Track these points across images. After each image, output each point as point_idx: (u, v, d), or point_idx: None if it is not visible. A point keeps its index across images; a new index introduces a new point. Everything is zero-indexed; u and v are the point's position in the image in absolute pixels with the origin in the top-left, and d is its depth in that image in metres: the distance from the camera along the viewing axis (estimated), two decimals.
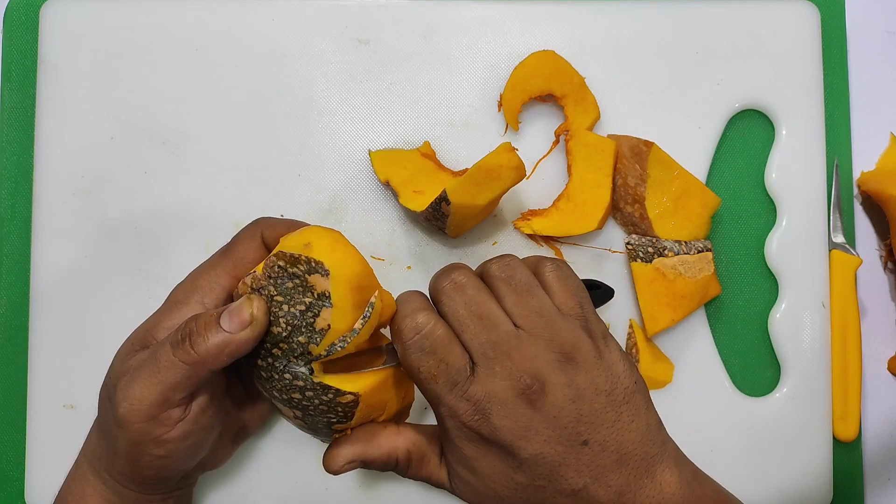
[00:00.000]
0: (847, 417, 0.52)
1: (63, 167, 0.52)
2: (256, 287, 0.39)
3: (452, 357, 0.37)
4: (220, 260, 0.42)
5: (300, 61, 0.53)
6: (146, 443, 0.38)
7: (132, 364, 0.39)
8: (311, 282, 0.38)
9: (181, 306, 0.41)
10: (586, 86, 0.52)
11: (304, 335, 0.38)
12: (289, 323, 0.38)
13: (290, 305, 0.38)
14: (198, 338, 0.37)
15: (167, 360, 0.37)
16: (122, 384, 0.38)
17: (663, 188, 0.51)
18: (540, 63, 0.51)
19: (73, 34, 0.53)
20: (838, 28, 0.55)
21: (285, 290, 0.38)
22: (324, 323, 0.38)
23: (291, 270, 0.38)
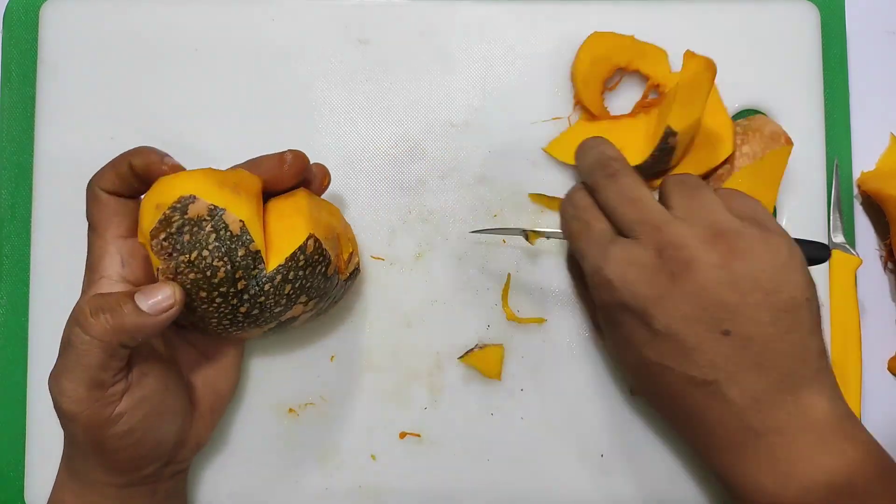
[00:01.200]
0: None
1: (62, 167, 0.52)
2: (172, 274, 0.39)
3: (594, 221, 0.42)
4: (93, 235, 0.42)
5: (300, 61, 0.53)
6: (102, 426, 0.38)
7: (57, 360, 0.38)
8: (191, 214, 0.39)
9: (89, 290, 0.41)
10: (659, 48, 0.52)
11: (240, 247, 0.39)
12: (221, 255, 0.39)
13: (205, 247, 0.39)
14: (111, 314, 0.37)
15: (81, 341, 0.37)
16: (53, 382, 0.38)
17: (744, 186, 0.50)
18: (604, 39, 0.52)
19: (73, 34, 0.53)
20: (838, 28, 0.55)
21: (191, 244, 0.39)
22: (236, 224, 0.39)
23: (174, 230, 0.39)
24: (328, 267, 0.43)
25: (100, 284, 0.41)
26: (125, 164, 0.41)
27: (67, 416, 0.38)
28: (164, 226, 0.39)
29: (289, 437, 0.51)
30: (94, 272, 0.41)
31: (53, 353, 0.51)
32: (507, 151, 0.52)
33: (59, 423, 0.50)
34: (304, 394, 0.51)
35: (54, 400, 0.38)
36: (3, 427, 0.52)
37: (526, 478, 0.51)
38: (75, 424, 0.38)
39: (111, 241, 0.41)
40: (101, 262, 0.41)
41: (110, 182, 0.41)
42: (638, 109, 0.52)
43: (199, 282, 0.39)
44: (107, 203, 0.41)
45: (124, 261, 0.41)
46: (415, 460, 0.51)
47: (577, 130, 0.52)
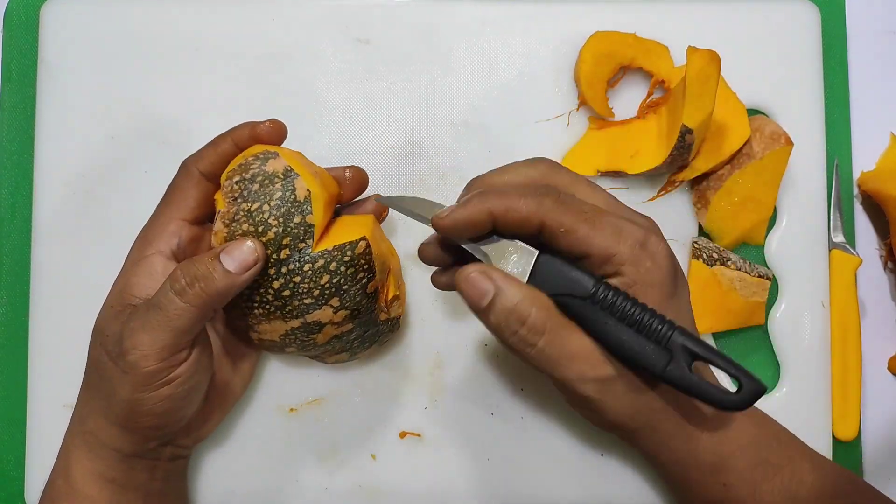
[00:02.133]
0: (847, 417, 0.52)
1: (63, 167, 0.52)
2: (229, 220, 0.40)
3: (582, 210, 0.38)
4: (163, 209, 0.43)
5: (300, 61, 0.53)
6: (152, 385, 0.39)
7: (130, 317, 0.39)
8: (269, 169, 0.40)
9: (142, 262, 0.42)
10: (661, 44, 0.52)
11: (297, 214, 0.40)
12: (278, 215, 0.39)
13: (268, 201, 0.39)
14: (204, 281, 0.38)
15: (175, 307, 0.38)
16: (127, 334, 0.39)
17: (744, 187, 0.50)
18: (606, 38, 0.51)
19: (73, 34, 0.53)
20: (838, 28, 0.55)
21: (256, 195, 0.40)
22: (303, 191, 0.40)
23: (248, 175, 0.40)
24: (370, 283, 0.42)
25: (152, 259, 0.41)
26: (227, 142, 0.42)
27: (128, 366, 0.38)
28: (241, 169, 0.40)
29: (289, 437, 0.51)
30: (147, 244, 0.42)
31: (53, 353, 0.51)
32: (507, 151, 0.52)
33: (59, 423, 0.50)
34: (304, 394, 0.51)
35: (120, 352, 0.39)
36: (3, 427, 0.52)
37: (526, 478, 0.51)
38: (129, 376, 0.39)
39: (177, 220, 0.42)
40: (159, 237, 0.42)
41: (209, 163, 0.42)
42: (645, 110, 0.52)
43: (247, 236, 0.39)
44: (197, 182, 0.42)
45: (181, 243, 0.42)
46: (415, 460, 0.51)
47: (588, 140, 0.52)
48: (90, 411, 0.41)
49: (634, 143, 0.51)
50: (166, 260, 0.42)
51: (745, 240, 0.52)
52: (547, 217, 0.37)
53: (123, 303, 0.41)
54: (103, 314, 0.42)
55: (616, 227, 0.37)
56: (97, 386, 0.41)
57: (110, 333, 0.40)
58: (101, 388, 0.40)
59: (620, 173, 0.51)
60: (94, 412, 0.41)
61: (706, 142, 0.50)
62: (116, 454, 0.41)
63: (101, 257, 0.51)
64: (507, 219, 0.37)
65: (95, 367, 0.41)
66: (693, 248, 0.51)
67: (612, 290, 0.37)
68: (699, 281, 0.50)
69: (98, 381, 0.41)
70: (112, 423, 0.40)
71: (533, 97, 0.53)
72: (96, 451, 0.41)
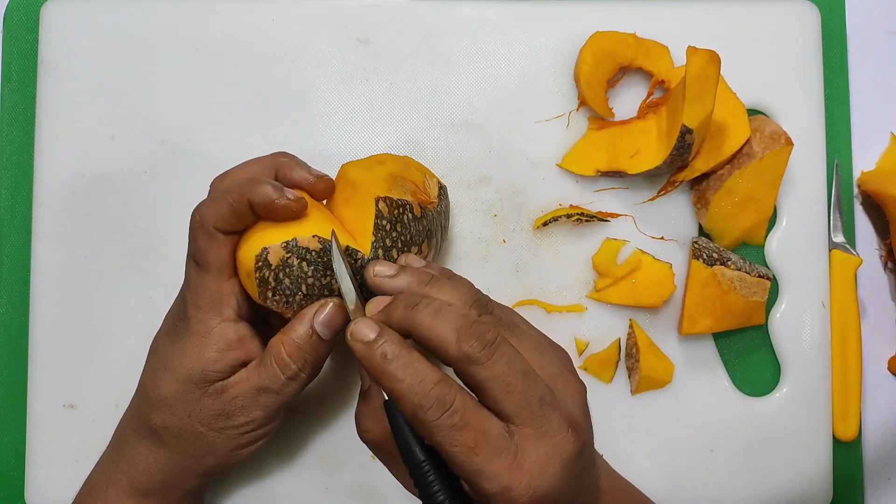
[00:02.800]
0: (847, 417, 0.52)
1: (63, 167, 0.52)
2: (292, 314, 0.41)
3: (487, 423, 0.34)
4: (205, 276, 0.41)
5: (300, 61, 0.53)
6: (253, 445, 0.43)
7: (229, 394, 0.41)
8: (273, 262, 0.40)
9: (212, 335, 0.41)
10: (661, 44, 0.52)
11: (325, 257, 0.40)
12: (323, 272, 0.40)
13: (306, 278, 0.40)
14: (314, 362, 0.41)
15: (290, 389, 0.41)
16: (239, 413, 0.41)
17: (744, 187, 0.50)
18: (606, 38, 0.51)
19: (73, 34, 0.53)
20: (838, 28, 0.55)
21: (294, 284, 0.40)
22: (312, 242, 0.40)
23: (272, 284, 0.40)
24: (412, 210, 0.43)
25: (222, 328, 0.41)
26: (244, 201, 0.39)
27: (238, 435, 0.41)
28: (264, 285, 0.40)
29: (289, 437, 0.51)
30: (208, 315, 0.41)
31: (54, 353, 0.51)
32: (507, 151, 0.52)
33: (58, 423, 0.50)
34: (304, 394, 0.51)
35: (229, 425, 0.41)
36: (3, 427, 0.52)
37: None
38: (235, 441, 0.42)
39: (225, 282, 0.41)
40: (220, 306, 0.41)
41: (227, 221, 0.40)
42: (645, 110, 0.52)
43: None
44: (224, 244, 0.40)
45: (239, 301, 0.42)
46: None
47: (588, 140, 0.52)
48: (165, 466, 0.42)
49: (634, 143, 0.51)
50: (235, 325, 0.41)
51: (745, 240, 0.52)
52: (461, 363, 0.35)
53: (206, 379, 0.41)
54: (178, 387, 0.41)
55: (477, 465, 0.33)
56: (181, 449, 0.42)
57: (205, 409, 0.41)
58: (186, 451, 0.42)
59: (620, 173, 0.51)
60: (172, 467, 0.42)
61: (706, 142, 0.50)
62: (181, 493, 0.44)
63: (101, 257, 0.51)
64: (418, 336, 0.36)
65: (178, 433, 0.42)
66: (693, 248, 0.51)
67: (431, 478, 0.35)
68: (699, 281, 0.50)
69: (183, 444, 0.42)
70: (195, 473, 0.43)
71: (533, 97, 0.53)
72: (163, 494, 0.43)
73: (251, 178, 0.40)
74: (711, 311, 0.50)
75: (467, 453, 0.33)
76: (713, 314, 0.50)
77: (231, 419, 0.41)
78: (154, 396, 0.41)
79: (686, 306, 0.50)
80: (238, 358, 0.41)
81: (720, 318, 0.50)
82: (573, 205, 0.52)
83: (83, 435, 0.51)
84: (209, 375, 0.41)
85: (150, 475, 0.42)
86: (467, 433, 0.33)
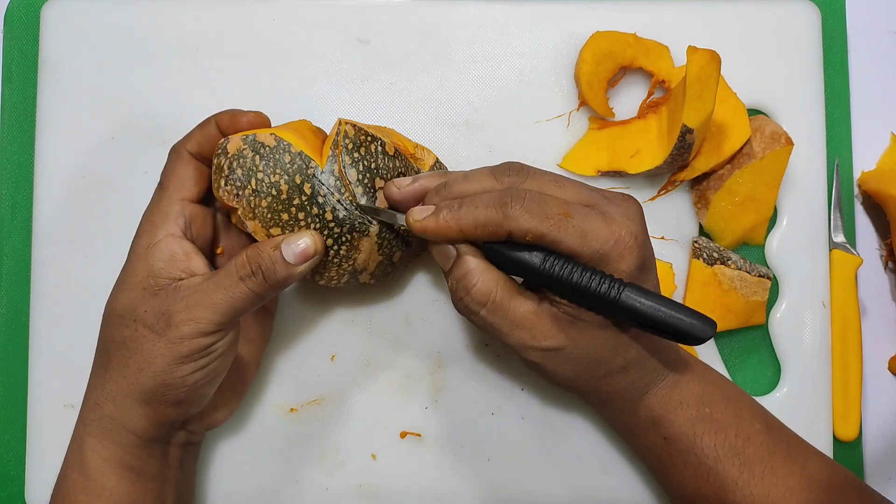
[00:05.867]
0: (847, 417, 0.52)
1: (63, 167, 0.52)
2: (248, 216, 0.42)
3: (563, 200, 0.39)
4: (162, 193, 0.44)
5: (300, 61, 0.53)
6: (195, 356, 0.41)
7: (177, 294, 0.41)
8: (231, 150, 0.42)
9: (158, 245, 0.42)
10: (661, 44, 0.52)
11: (283, 154, 0.42)
12: (272, 170, 0.42)
13: (256, 171, 0.42)
14: (268, 272, 0.41)
15: (239, 290, 0.41)
16: (181, 308, 0.40)
17: (744, 187, 0.50)
18: (607, 38, 0.51)
19: (73, 34, 0.53)
20: (838, 28, 0.55)
21: (245, 175, 0.42)
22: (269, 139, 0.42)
23: (225, 171, 0.42)
24: (385, 146, 0.43)
25: (167, 241, 0.42)
26: (211, 124, 0.44)
27: (179, 337, 0.40)
28: (218, 173, 0.42)
29: (289, 437, 0.51)
30: (156, 228, 0.43)
31: (53, 353, 0.51)
32: (507, 151, 0.52)
33: (58, 423, 0.50)
34: (304, 394, 0.51)
35: (171, 323, 0.40)
36: (3, 427, 0.52)
37: (526, 478, 0.51)
38: (175, 347, 0.40)
39: (178, 201, 0.43)
40: (167, 220, 0.43)
41: (196, 143, 0.44)
42: (646, 110, 0.52)
43: (273, 206, 0.41)
44: (188, 162, 0.44)
45: (188, 221, 0.43)
46: (415, 460, 0.51)
47: (588, 140, 0.52)
48: (108, 393, 0.42)
49: (635, 142, 0.51)
50: (180, 240, 0.43)
51: (746, 240, 0.52)
52: (513, 228, 0.38)
53: (155, 284, 0.42)
54: (129, 295, 0.42)
55: (580, 230, 0.38)
56: (122, 364, 0.41)
57: (149, 309, 0.41)
58: (127, 365, 0.41)
59: (621, 173, 0.51)
60: (114, 393, 0.42)
61: (706, 142, 0.50)
62: (135, 439, 0.42)
63: (101, 257, 0.51)
64: (475, 234, 0.40)
65: (122, 344, 0.41)
66: (693, 248, 0.51)
67: (559, 263, 0.38)
68: (699, 281, 0.50)
69: (125, 358, 0.41)
70: (136, 400, 0.41)
71: (533, 97, 0.53)
72: (113, 436, 0.42)
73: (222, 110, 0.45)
74: (712, 310, 0.50)
75: (564, 222, 0.38)
76: (714, 314, 0.50)
77: (173, 316, 0.40)
78: (107, 312, 0.43)
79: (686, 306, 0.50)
80: (183, 270, 0.42)
81: (721, 318, 0.50)
82: None
83: None
84: (153, 280, 0.41)
85: (98, 408, 0.42)
86: (554, 207, 0.38)
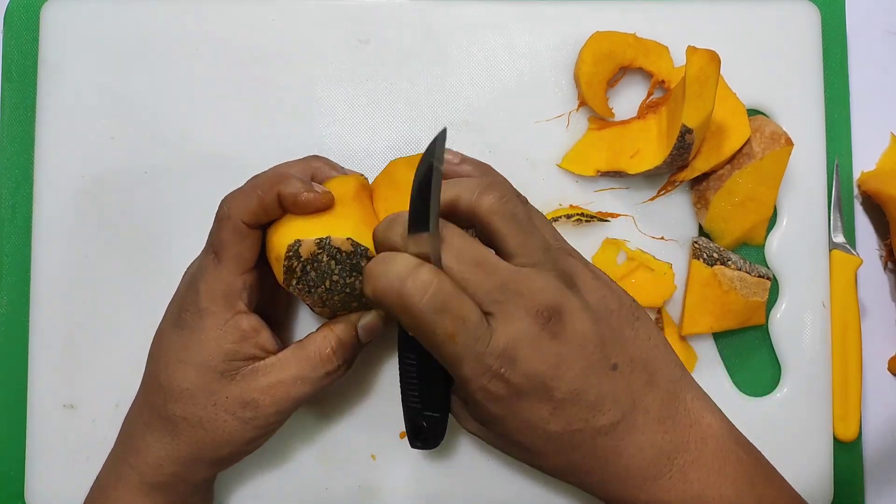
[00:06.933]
0: (847, 417, 0.52)
1: (63, 167, 0.52)
2: (318, 305, 0.42)
3: (467, 309, 0.34)
4: (220, 266, 0.41)
5: (300, 61, 0.53)
6: (275, 429, 0.43)
7: (254, 380, 0.41)
8: (304, 255, 0.41)
9: (230, 325, 0.41)
10: (661, 44, 0.52)
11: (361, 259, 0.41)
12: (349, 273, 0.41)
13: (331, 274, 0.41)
14: (350, 359, 0.43)
15: (324, 383, 0.42)
16: (269, 402, 0.41)
17: (744, 187, 0.50)
18: (606, 38, 0.51)
19: (73, 34, 0.53)
20: (838, 28, 0.55)
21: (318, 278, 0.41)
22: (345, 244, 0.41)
23: (298, 274, 0.41)
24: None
25: (237, 320, 0.41)
26: (273, 195, 0.40)
27: (263, 422, 0.42)
28: (290, 274, 0.41)
29: (289, 437, 0.51)
30: (222, 308, 0.41)
31: (54, 353, 0.51)
32: (507, 151, 0.52)
33: (58, 423, 0.50)
34: None
35: (258, 414, 0.41)
36: (3, 427, 0.52)
37: (526, 478, 0.50)
38: (260, 430, 0.42)
39: (240, 276, 0.42)
40: (232, 298, 0.41)
41: (255, 214, 0.40)
42: (645, 110, 0.52)
43: (346, 301, 0.42)
44: (247, 237, 0.41)
45: (251, 295, 0.42)
46: (415, 460, 0.51)
47: (588, 140, 0.52)
48: (178, 459, 0.42)
49: (634, 143, 0.51)
50: (248, 316, 0.42)
51: (746, 240, 0.52)
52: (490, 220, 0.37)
53: (231, 368, 0.41)
54: (202, 378, 0.41)
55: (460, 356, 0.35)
56: (197, 439, 0.42)
57: (231, 397, 0.41)
58: (203, 441, 0.42)
59: (620, 173, 0.51)
60: (184, 459, 0.42)
61: (706, 142, 0.50)
62: (191, 487, 0.44)
63: (101, 257, 0.51)
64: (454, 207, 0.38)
65: (198, 424, 0.41)
66: (693, 248, 0.51)
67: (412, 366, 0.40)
68: (699, 281, 0.50)
69: (200, 436, 0.42)
70: (208, 465, 0.43)
71: (533, 97, 0.53)
72: (172, 487, 0.43)
73: (280, 172, 0.41)
74: (712, 311, 0.50)
75: (448, 341, 0.34)
76: (713, 314, 0.50)
77: (259, 409, 0.41)
78: (172, 388, 0.41)
79: (686, 306, 0.50)
80: (254, 347, 0.42)
81: (720, 318, 0.50)
82: (573, 205, 0.52)
83: (83, 435, 0.51)
84: (232, 364, 0.41)
85: (160, 468, 0.42)
86: (448, 319, 0.34)
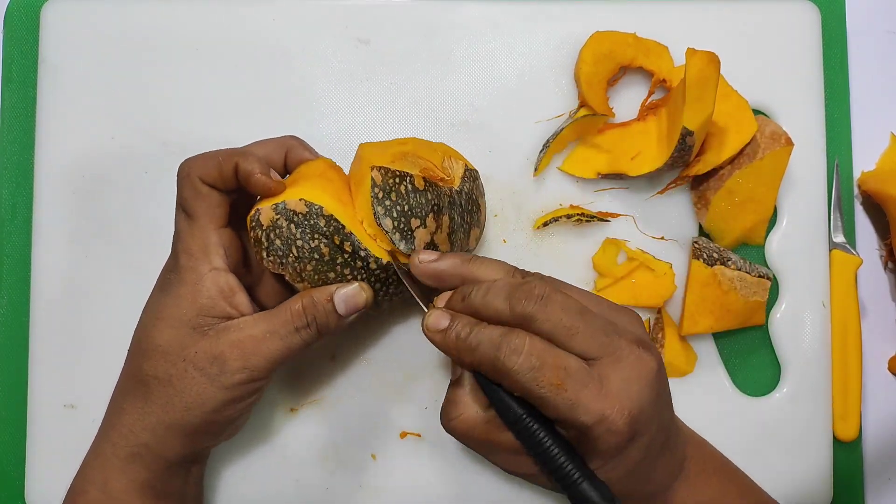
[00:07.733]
0: (847, 417, 0.52)
1: (63, 167, 0.52)
2: (296, 279, 0.42)
3: (565, 360, 0.36)
4: (193, 223, 0.42)
5: (300, 61, 0.53)
6: (246, 397, 0.42)
7: (225, 335, 0.41)
8: (265, 222, 0.41)
9: (205, 280, 0.41)
10: (661, 44, 0.52)
11: (318, 219, 0.41)
12: (311, 235, 0.41)
13: (294, 239, 0.41)
14: (322, 325, 0.41)
15: (295, 340, 0.41)
16: (237, 356, 0.41)
17: (744, 187, 0.50)
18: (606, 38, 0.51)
19: (73, 34, 0.53)
20: (838, 28, 0.55)
21: (284, 245, 0.41)
22: (300, 205, 0.41)
23: (264, 244, 0.41)
24: (414, 181, 0.42)
25: (213, 276, 0.42)
26: (231, 165, 0.41)
27: (233, 382, 0.40)
28: (258, 245, 0.41)
29: (289, 437, 0.51)
30: (198, 262, 0.42)
31: (54, 353, 0.51)
32: (507, 151, 0.52)
33: (58, 423, 0.50)
34: (304, 394, 0.51)
35: (225, 369, 0.40)
36: (3, 427, 0.52)
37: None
38: (229, 391, 0.41)
39: (213, 231, 0.42)
40: (208, 253, 0.42)
41: (212, 177, 0.42)
42: (645, 112, 0.52)
43: (319, 268, 0.41)
44: (208, 195, 0.42)
45: (227, 251, 0.43)
46: (415, 460, 0.51)
47: (588, 142, 0.52)
48: (148, 425, 0.42)
49: (635, 144, 0.51)
50: (225, 274, 0.42)
51: (746, 240, 0.52)
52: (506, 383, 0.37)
53: (203, 324, 0.41)
54: (175, 333, 0.41)
55: (570, 403, 0.36)
56: (166, 400, 0.41)
57: (200, 351, 0.41)
58: (172, 403, 0.41)
59: (621, 175, 0.51)
60: (154, 425, 0.42)
61: (714, 136, 0.50)
62: (165, 463, 0.42)
63: (101, 257, 0.51)
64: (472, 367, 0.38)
65: (168, 381, 0.41)
66: (693, 248, 0.51)
67: (537, 425, 0.37)
68: (699, 281, 0.50)
69: (170, 395, 0.41)
70: (178, 433, 0.42)
71: (533, 97, 0.53)
72: (145, 461, 0.42)
73: (245, 149, 0.43)
74: (712, 310, 0.50)
75: (556, 391, 0.35)
76: (713, 314, 0.50)
77: (227, 363, 0.40)
78: (147, 345, 0.42)
79: (686, 306, 0.50)
80: (229, 306, 0.41)
81: (720, 318, 0.50)
82: (573, 205, 0.52)
83: (83, 435, 0.50)
84: (205, 320, 0.41)
85: (133, 436, 0.42)
86: (549, 372, 0.35)
